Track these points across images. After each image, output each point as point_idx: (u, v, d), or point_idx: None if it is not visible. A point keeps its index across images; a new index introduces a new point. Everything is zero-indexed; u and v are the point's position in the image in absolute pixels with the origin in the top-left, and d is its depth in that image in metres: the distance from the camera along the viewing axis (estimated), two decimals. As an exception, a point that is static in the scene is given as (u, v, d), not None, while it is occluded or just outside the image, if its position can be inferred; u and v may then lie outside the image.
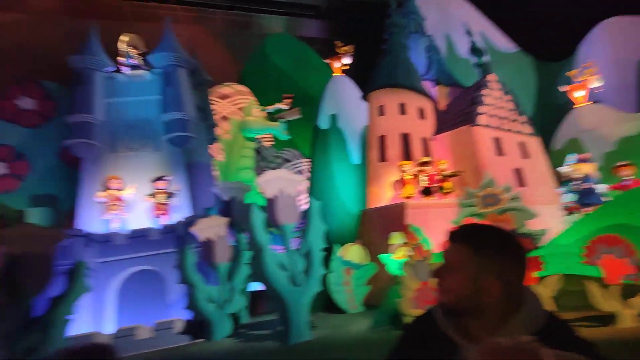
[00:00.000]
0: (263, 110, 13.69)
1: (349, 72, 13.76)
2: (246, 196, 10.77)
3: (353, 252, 9.55)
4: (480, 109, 11.29)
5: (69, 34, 11.69)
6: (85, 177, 9.36)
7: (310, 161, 13.79)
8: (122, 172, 9.50)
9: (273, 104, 13.66)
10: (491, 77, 12.18)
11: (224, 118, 13.96)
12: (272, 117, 13.75)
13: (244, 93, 14.82)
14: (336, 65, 13.69)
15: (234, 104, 14.38)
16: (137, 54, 10.92)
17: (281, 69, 15.13)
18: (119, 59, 10.70)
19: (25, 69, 11.29)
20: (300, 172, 14.16)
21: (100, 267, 8.50)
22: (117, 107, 10.01)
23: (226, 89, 14.60)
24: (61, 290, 7.38)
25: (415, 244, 7.26)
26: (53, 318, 7.09)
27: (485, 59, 12.76)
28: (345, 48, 13.81)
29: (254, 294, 9.82)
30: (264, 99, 14.16)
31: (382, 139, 11.65)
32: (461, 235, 1.35)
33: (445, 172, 10.74)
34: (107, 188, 9.21)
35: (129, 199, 9.40)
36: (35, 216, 9.97)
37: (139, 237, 8.94)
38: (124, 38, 11.21)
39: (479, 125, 11.09)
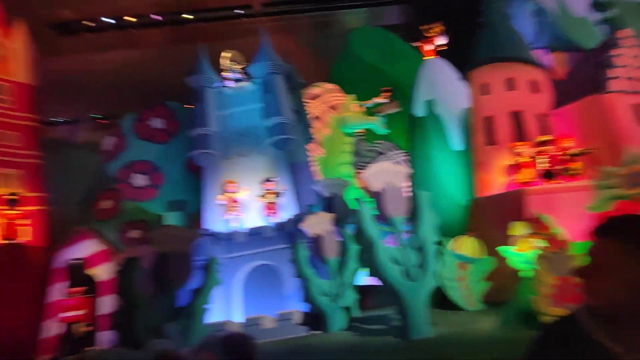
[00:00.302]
0: (361, 106, 13.70)
1: (442, 53, 12.93)
2: (346, 191, 10.93)
3: (466, 245, 8.96)
4: (612, 72, 9.56)
5: (180, 58, 13.28)
6: (207, 183, 10.57)
7: (406, 152, 13.36)
8: (236, 176, 10.46)
9: (370, 99, 13.60)
10: (623, 33, 10.20)
11: (316, 117, 14.35)
12: (370, 111, 13.68)
13: (334, 91, 15.02)
14: (427, 48, 12.96)
15: (325, 103, 14.68)
16: (239, 68, 11.87)
17: (368, 62, 14.95)
18: (224, 74, 11.76)
19: (153, 94, 13.29)
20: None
21: (225, 262, 9.49)
22: (227, 118, 11.06)
23: (316, 89, 14.97)
24: (198, 283, 8.44)
25: (548, 234, 6.47)
26: (194, 307, 8.16)
27: (612, 13, 10.76)
28: (435, 29, 12.99)
29: (361, 288, 9.91)
30: (355, 95, 14.17)
31: (489, 120, 10.67)
32: (612, 230, 1.16)
33: (571, 151, 9.36)
34: (225, 191, 10.25)
35: (244, 200, 10.31)
36: (171, 219, 11.63)
37: (256, 235, 9.75)
38: (226, 55, 12.27)
39: (611, 91, 9.40)
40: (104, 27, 19.99)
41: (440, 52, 12.84)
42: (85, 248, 10.26)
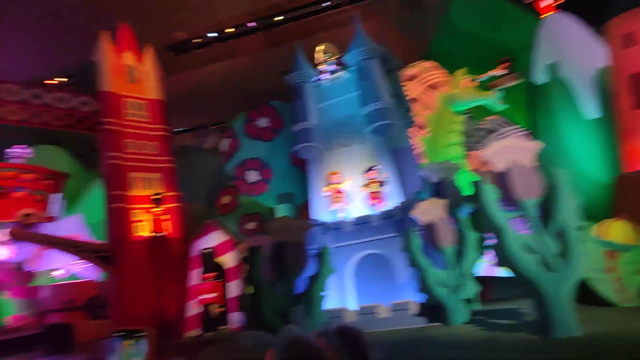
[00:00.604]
0: (473, 80, 12.52)
1: (563, 6, 10.98)
2: (457, 175, 10.15)
3: (615, 231, 7.49)
4: None
5: (278, 59, 13.95)
6: (312, 175, 10.94)
7: (524, 127, 11.81)
8: (339, 167, 10.58)
9: (484, 72, 12.34)
10: None
11: (416, 99, 13.65)
12: (484, 86, 12.43)
13: (432, 69, 14.08)
14: (544, 4, 11.15)
15: (423, 83, 13.87)
16: (333, 59, 11.93)
17: (472, 32, 13.51)
18: (320, 67, 11.95)
19: (257, 96, 14.34)
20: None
21: (335, 251, 9.70)
22: (326, 110, 11.24)
23: (412, 69, 14.23)
24: (313, 271, 8.78)
25: None
26: (312, 294, 8.52)
27: None
28: (553, -21, 11.08)
29: (480, 279, 9.13)
30: (466, 69, 12.97)
31: (637, 77, 8.70)
32: None
33: None
34: (329, 183, 10.46)
35: (348, 191, 10.38)
36: (281, 211, 12.42)
37: (363, 224, 9.73)
38: (319, 48, 12.43)
39: None
40: (208, 42, 22.22)
41: (561, 6, 10.95)
42: (214, 239, 11.63)
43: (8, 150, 14.16)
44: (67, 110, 12.53)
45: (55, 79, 23.05)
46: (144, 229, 11.83)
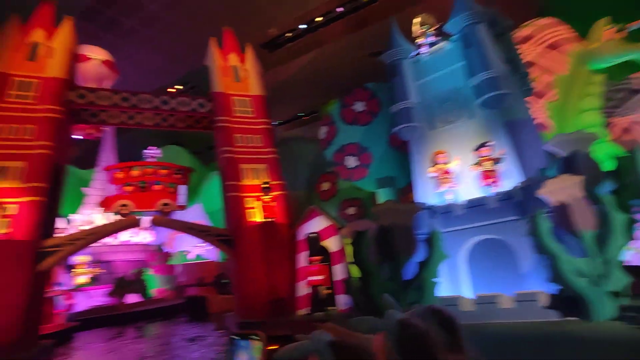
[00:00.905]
0: (620, 31, 10.34)
1: None
2: (593, 147, 8.56)
3: None
4: None
5: (371, 39, 13.50)
6: (415, 157, 10.42)
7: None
8: (445, 146, 9.86)
9: (636, 20, 10.11)
10: None
11: (531, 63, 11.90)
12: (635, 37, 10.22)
13: (550, 26, 12.07)
14: None
15: (540, 43, 11.99)
16: (432, 30, 11.08)
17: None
18: (418, 41, 11.21)
19: (351, 80, 14.23)
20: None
21: (446, 236, 9.13)
22: (427, 86, 10.53)
23: (525, 30, 12.42)
24: (424, 256, 8.42)
25: None
26: (423, 280, 8.19)
27: None
28: None
29: (630, 269, 7.61)
30: (584, 24, 10.85)
31: None
32: None
33: None
34: (435, 163, 9.84)
35: (456, 171, 9.63)
36: (381, 195, 12.19)
37: (476, 207, 8.94)
38: (416, 20, 11.64)
39: None
40: (299, 34, 22.80)
41: None
42: (318, 223, 12.05)
43: (144, 151, 16.70)
44: (187, 113, 14.17)
45: (175, 86, 26.46)
46: (255, 215, 12.84)
